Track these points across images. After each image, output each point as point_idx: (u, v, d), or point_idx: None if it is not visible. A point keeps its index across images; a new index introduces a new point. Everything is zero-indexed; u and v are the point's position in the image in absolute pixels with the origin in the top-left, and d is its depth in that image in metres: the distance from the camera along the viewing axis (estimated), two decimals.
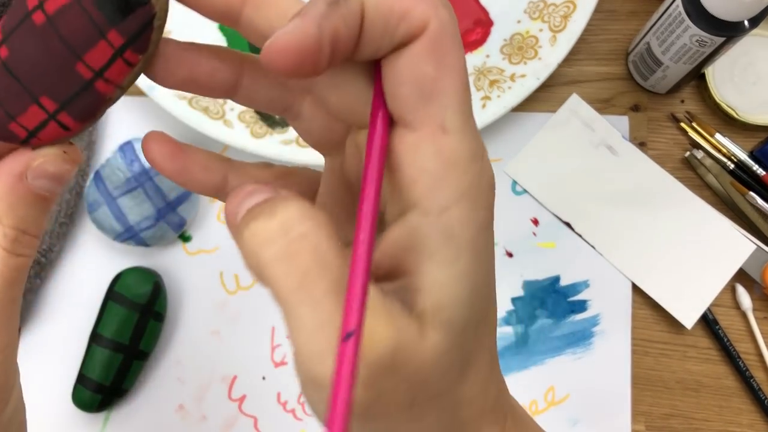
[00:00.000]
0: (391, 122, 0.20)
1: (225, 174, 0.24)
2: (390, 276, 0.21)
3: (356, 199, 0.22)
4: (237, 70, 0.22)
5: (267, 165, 0.26)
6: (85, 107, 0.22)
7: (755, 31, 0.41)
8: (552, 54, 0.47)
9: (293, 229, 0.18)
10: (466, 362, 0.21)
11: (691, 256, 0.47)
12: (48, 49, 0.22)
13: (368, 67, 0.21)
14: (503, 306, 0.48)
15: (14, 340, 0.23)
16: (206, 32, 0.49)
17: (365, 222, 0.19)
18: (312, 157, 0.46)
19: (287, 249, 0.18)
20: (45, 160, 0.22)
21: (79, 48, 0.21)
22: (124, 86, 0.23)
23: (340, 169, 0.24)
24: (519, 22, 0.49)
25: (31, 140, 0.23)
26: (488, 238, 0.21)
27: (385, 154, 0.20)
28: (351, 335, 0.18)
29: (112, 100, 0.23)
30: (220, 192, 0.25)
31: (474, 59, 0.49)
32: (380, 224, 0.20)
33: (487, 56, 0.49)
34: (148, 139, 0.24)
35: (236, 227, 0.19)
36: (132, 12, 0.21)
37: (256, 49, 0.24)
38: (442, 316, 0.20)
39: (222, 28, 0.49)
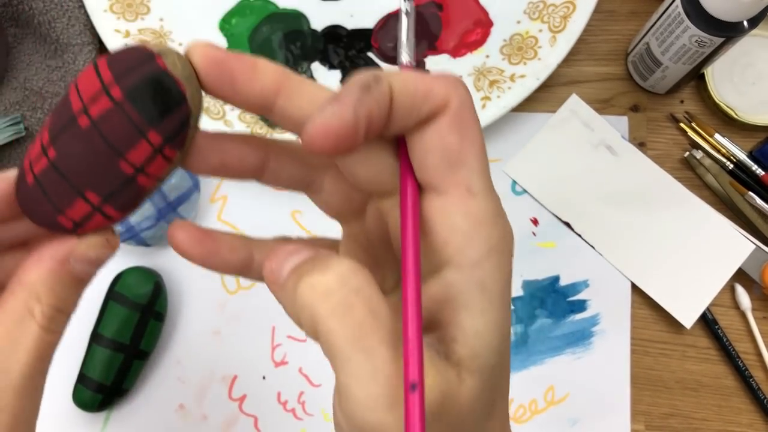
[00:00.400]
0: (419, 189, 0.23)
1: (250, 252, 0.26)
2: (427, 328, 0.22)
3: (377, 260, 0.26)
4: (264, 154, 0.24)
5: (286, 238, 0.28)
6: (127, 199, 0.24)
7: (754, 31, 0.41)
8: (551, 54, 0.47)
9: (349, 282, 0.20)
10: (492, 402, 0.23)
11: (691, 256, 0.47)
12: (92, 149, 0.24)
13: (390, 141, 0.23)
14: None
15: (37, 411, 0.25)
16: (205, 32, 0.49)
17: (412, 279, 0.21)
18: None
19: (344, 301, 0.20)
20: (88, 247, 0.24)
21: (122, 147, 0.23)
22: (162, 178, 0.24)
23: (360, 234, 0.26)
24: (519, 22, 0.49)
25: (77, 230, 0.25)
26: (511, 285, 0.23)
27: (419, 218, 0.22)
28: (416, 387, 0.19)
29: (152, 191, 0.25)
30: (246, 270, 0.26)
31: (474, 59, 0.49)
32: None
33: (487, 56, 0.49)
34: (175, 228, 0.25)
35: (281, 285, 0.21)
36: (170, 113, 0.23)
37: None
38: (477, 363, 0.21)
39: (222, 29, 0.49)
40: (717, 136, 0.49)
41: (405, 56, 0.27)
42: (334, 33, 0.50)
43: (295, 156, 0.25)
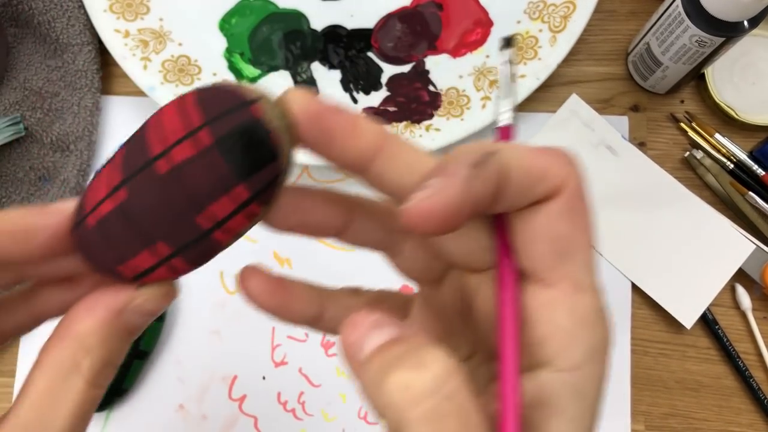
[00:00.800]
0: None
1: (321, 304, 0.25)
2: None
3: (450, 328, 0.24)
4: (347, 215, 0.23)
5: (357, 291, 0.26)
6: (200, 254, 0.22)
7: (755, 31, 0.41)
8: (552, 54, 0.47)
9: (444, 387, 0.17)
10: None
11: (691, 256, 0.47)
12: (169, 198, 0.21)
13: (487, 217, 0.21)
14: None
15: None
16: (205, 31, 0.49)
17: (511, 386, 0.19)
18: (311, 158, 0.46)
19: (437, 410, 0.17)
20: (147, 299, 0.22)
21: (202, 200, 0.21)
22: (241, 234, 0.22)
23: (434, 299, 0.24)
24: (519, 22, 0.49)
25: (137, 280, 0.22)
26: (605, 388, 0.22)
27: (520, 312, 0.20)
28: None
29: (226, 247, 0.23)
30: (316, 323, 0.25)
31: (474, 59, 0.49)
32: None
33: (487, 56, 0.49)
34: (247, 275, 0.24)
35: (360, 363, 0.19)
36: (261, 169, 0.20)
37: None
38: None
39: (222, 28, 0.49)
40: (717, 135, 0.49)
41: (506, 116, 0.24)
42: (334, 33, 0.50)
43: (377, 217, 0.23)
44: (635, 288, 0.48)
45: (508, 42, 0.26)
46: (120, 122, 0.50)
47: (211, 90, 0.21)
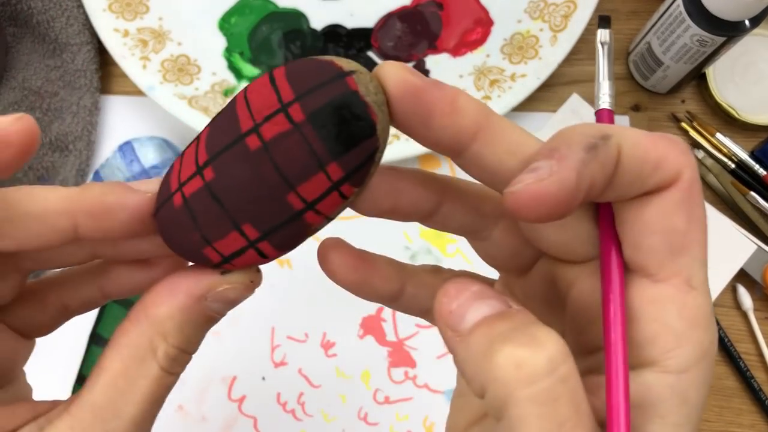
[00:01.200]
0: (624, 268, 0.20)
1: (402, 283, 0.24)
2: None
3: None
4: (438, 198, 0.21)
5: (438, 270, 0.25)
6: (289, 237, 0.21)
7: (756, 30, 0.41)
8: (553, 53, 0.47)
9: (559, 369, 0.16)
10: None
11: None
12: (259, 176, 0.20)
13: (591, 206, 0.20)
14: None
15: None
16: (205, 31, 0.49)
17: (621, 386, 0.18)
18: None
19: (550, 392, 0.16)
20: (231, 286, 0.22)
21: (294, 179, 0.20)
22: (332, 217, 0.21)
23: (517, 287, 0.24)
24: (519, 21, 0.49)
25: (223, 265, 0.21)
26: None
27: (625, 307, 0.19)
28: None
29: (316, 230, 0.21)
30: (394, 300, 0.24)
31: (474, 59, 0.49)
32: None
33: (488, 56, 0.49)
34: (327, 248, 0.23)
35: (461, 334, 0.18)
36: (356, 146, 0.19)
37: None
38: None
39: (221, 28, 0.49)
40: (718, 135, 0.49)
41: (606, 99, 0.23)
42: (334, 32, 0.50)
43: (468, 201, 0.22)
44: None
45: (605, 21, 0.25)
46: (119, 122, 0.50)
47: (303, 63, 0.20)
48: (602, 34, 0.25)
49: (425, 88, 0.18)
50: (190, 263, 0.22)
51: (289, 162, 0.19)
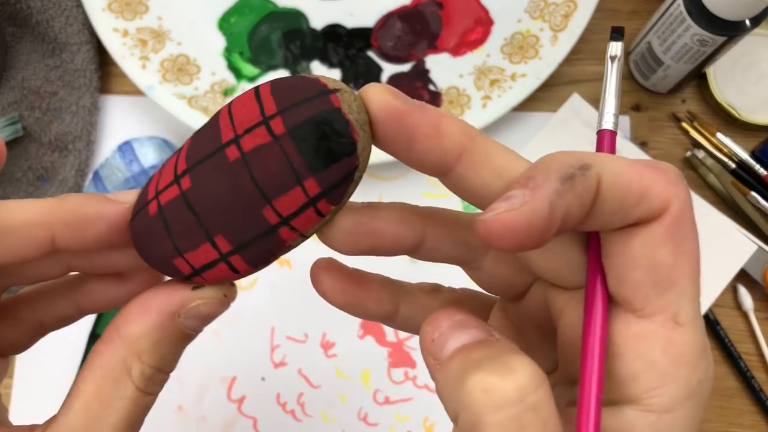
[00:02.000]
0: (609, 300, 0.19)
1: (396, 303, 0.24)
2: None
3: (526, 341, 0.23)
4: (421, 232, 0.21)
5: (436, 289, 0.25)
6: (261, 253, 0.20)
7: (756, 30, 0.41)
8: (553, 53, 0.47)
9: (528, 397, 0.16)
10: None
11: None
12: (235, 187, 0.20)
13: (581, 233, 0.20)
14: None
15: None
16: (204, 30, 0.49)
17: (592, 420, 0.18)
18: None
19: (518, 419, 0.16)
20: (203, 302, 0.21)
21: (271, 192, 0.19)
22: (307, 235, 0.20)
23: (513, 311, 0.23)
24: (519, 21, 0.49)
25: (193, 278, 0.21)
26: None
27: (605, 342, 0.19)
28: None
29: (290, 248, 0.21)
30: (389, 320, 0.24)
31: (474, 58, 0.49)
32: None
33: (488, 56, 0.49)
34: (319, 269, 0.22)
35: (441, 361, 0.18)
36: (335, 162, 0.19)
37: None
38: None
39: (221, 27, 0.49)
40: (719, 135, 0.49)
41: (609, 119, 0.22)
42: (334, 32, 0.50)
43: (455, 232, 0.22)
44: None
45: (618, 33, 0.23)
46: (118, 121, 0.50)
47: (289, 79, 0.20)
48: (613, 47, 0.23)
49: (408, 112, 0.18)
50: (166, 278, 0.22)
51: (266, 175, 0.19)
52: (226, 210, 0.20)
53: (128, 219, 0.21)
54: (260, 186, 0.19)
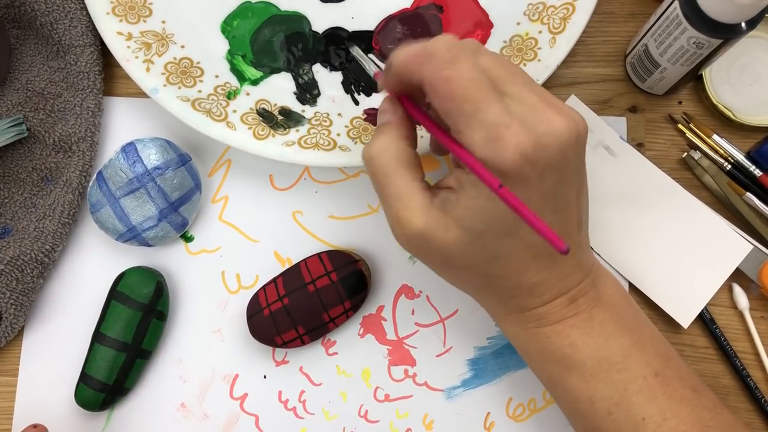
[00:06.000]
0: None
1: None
2: (442, 186, 0.36)
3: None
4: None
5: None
6: (317, 333, 0.46)
7: (752, 33, 0.41)
8: (551, 56, 0.48)
9: (373, 159, 0.36)
10: (493, 254, 0.35)
11: (688, 256, 0.47)
12: (311, 304, 0.45)
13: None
14: None
15: None
16: (207, 34, 0.50)
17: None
18: (312, 159, 0.46)
19: (368, 170, 0.37)
20: None
21: (327, 306, 0.45)
22: (338, 324, 0.46)
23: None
24: (518, 24, 0.49)
25: (282, 346, 0.46)
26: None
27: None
28: (501, 185, 0.30)
29: (331, 331, 0.47)
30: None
31: None
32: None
33: None
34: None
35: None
36: (358, 294, 0.46)
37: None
38: (461, 223, 0.34)
39: (224, 31, 0.50)
40: (715, 136, 0.49)
41: (373, 67, 0.45)
42: (335, 35, 0.50)
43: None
44: (633, 288, 0.48)
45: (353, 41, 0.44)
46: (122, 123, 0.51)
47: (335, 251, 0.46)
48: (355, 50, 0.44)
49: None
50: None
51: (326, 298, 0.45)
52: (305, 315, 0.45)
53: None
54: (323, 304, 0.45)
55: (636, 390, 0.36)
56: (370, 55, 0.39)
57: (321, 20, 0.50)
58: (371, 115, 0.48)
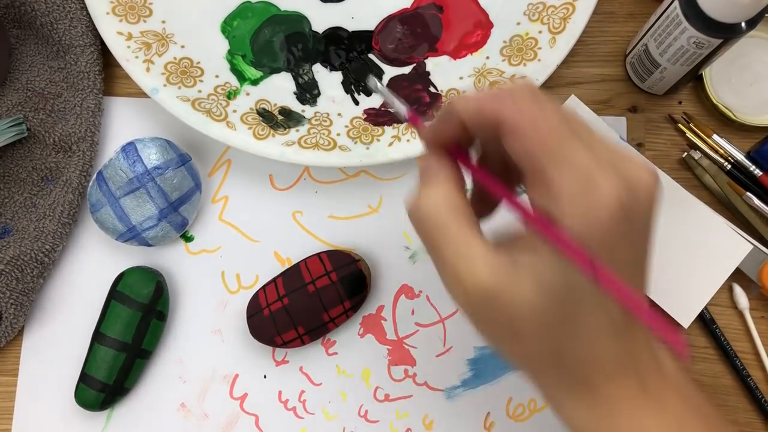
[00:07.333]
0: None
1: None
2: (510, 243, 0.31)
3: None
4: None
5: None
6: (317, 333, 0.46)
7: (752, 32, 0.41)
8: (551, 55, 0.48)
9: (418, 211, 0.31)
10: (569, 321, 0.29)
11: (689, 256, 0.47)
12: (311, 304, 0.45)
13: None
14: None
15: None
16: (207, 34, 0.50)
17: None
18: (312, 159, 0.46)
19: (413, 222, 0.32)
20: None
21: (327, 306, 0.45)
22: (339, 325, 0.46)
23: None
24: (519, 24, 0.49)
25: (282, 346, 0.46)
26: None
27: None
28: (593, 263, 0.27)
29: (331, 331, 0.47)
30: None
31: (474, 61, 0.49)
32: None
33: (487, 58, 0.49)
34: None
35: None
36: (357, 294, 0.46)
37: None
38: (537, 277, 0.28)
39: (224, 31, 0.50)
40: (715, 136, 0.49)
41: (404, 109, 0.36)
42: (336, 35, 0.50)
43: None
44: None
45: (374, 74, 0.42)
46: (122, 123, 0.51)
47: (335, 251, 0.46)
48: (371, 81, 0.38)
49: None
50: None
51: (326, 298, 0.45)
52: (304, 315, 0.45)
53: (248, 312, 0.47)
54: (323, 304, 0.45)
55: None
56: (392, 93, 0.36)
57: (321, 20, 0.50)
58: (371, 115, 0.49)
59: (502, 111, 0.30)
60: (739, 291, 0.48)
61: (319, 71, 0.50)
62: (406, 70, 0.50)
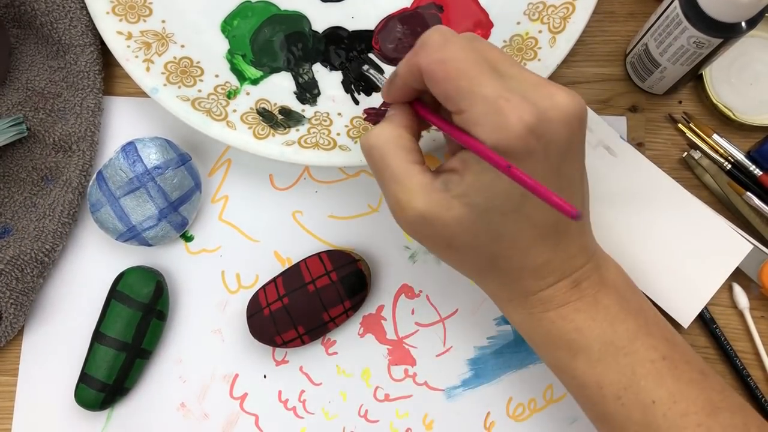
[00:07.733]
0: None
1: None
2: (444, 170, 0.36)
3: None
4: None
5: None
6: (317, 333, 0.46)
7: (752, 32, 0.41)
8: (551, 55, 0.48)
9: (372, 148, 0.37)
10: (498, 233, 0.35)
11: (688, 255, 0.47)
12: (311, 304, 0.45)
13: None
14: None
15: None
16: (207, 33, 0.50)
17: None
18: (312, 158, 0.46)
19: (366, 157, 0.38)
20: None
21: (327, 306, 0.45)
22: (338, 324, 0.46)
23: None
24: (518, 23, 0.49)
25: (282, 346, 0.46)
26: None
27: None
28: (509, 166, 0.30)
29: (331, 331, 0.47)
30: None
31: None
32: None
33: None
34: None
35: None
36: (358, 294, 0.46)
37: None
38: (465, 200, 0.34)
39: (224, 30, 0.50)
40: (715, 136, 0.49)
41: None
42: (336, 34, 0.50)
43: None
44: None
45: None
46: (122, 123, 0.51)
47: (335, 251, 0.46)
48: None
49: None
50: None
51: (326, 298, 0.45)
52: (305, 314, 0.45)
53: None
54: (323, 303, 0.45)
55: (644, 374, 0.36)
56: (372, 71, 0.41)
57: (321, 20, 0.50)
58: (371, 115, 0.48)
59: (419, 62, 0.34)
60: (739, 291, 0.48)
61: (319, 71, 0.50)
62: None
